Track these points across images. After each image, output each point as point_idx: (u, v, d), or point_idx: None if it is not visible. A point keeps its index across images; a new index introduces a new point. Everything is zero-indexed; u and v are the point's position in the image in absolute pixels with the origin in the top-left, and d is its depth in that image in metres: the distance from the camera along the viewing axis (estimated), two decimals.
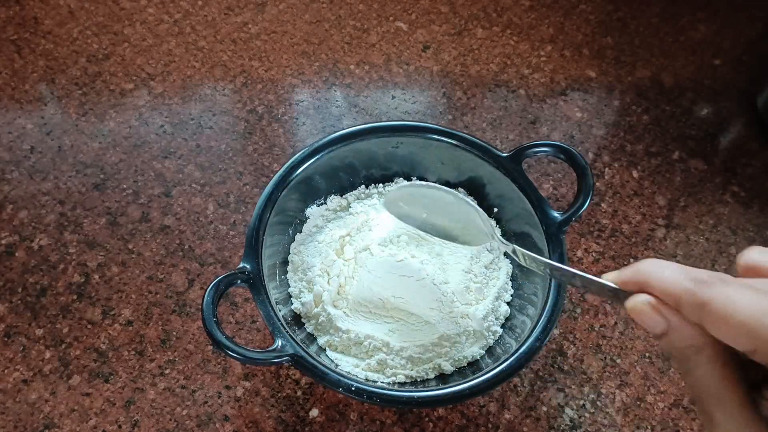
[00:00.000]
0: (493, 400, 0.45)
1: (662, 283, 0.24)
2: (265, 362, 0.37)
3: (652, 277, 0.24)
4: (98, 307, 0.48)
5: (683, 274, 0.23)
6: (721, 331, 0.22)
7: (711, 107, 0.63)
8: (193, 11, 0.67)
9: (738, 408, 0.23)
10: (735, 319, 0.21)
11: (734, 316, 0.21)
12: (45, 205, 0.53)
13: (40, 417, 0.43)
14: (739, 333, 0.22)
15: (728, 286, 0.22)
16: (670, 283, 0.23)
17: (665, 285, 0.24)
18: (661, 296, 0.24)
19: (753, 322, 0.21)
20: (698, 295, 0.22)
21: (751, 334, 0.21)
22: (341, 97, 0.61)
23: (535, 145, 0.45)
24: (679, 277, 0.23)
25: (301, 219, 0.48)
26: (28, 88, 0.60)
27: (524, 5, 0.70)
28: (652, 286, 0.24)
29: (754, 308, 0.21)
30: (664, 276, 0.24)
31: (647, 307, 0.24)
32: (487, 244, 0.41)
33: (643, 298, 0.24)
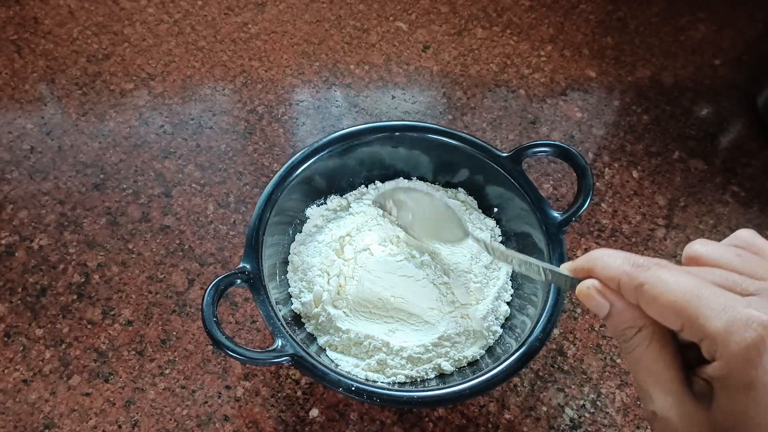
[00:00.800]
0: (493, 400, 0.45)
1: (606, 268, 0.26)
2: (265, 362, 0.37)
3: (598, 263, 0.26)
4: (98, 307, 0.48)
5: (624, 259, 0.25)
6: (653, 309, 0.24)
7: (711, 107, 0.63)
8: (193, 11, 0.67)
9: (672, 385, 0.24)
10: (664, 299, 0.23)
11: (664, 296, 0.23)
12: (45, 205, 0.53)
13: (40, 417, 0.43)
14: (668, 311, 0.23)
15: (661, 270, 0.24)
16: (613, 268, 0.26)
17: (608, 270, 0.26)
18: (605, 281, 0.26)
19: (679, 301, 0.23)
20: (634, 277, 0.24)
21: (677, 312, 0.23)
22: (341, 97, 0.61)
23: (535, 145, 0.45)
24: (620, 263, 0.25)
25: (301, 219, 0.48)
26: (28, 88, 0.60)
27: (524, 5, 0.70)
28: (598, 272, 0.26)
29: (681, 289, 0.23)
30: (607, 262, 0.26)
31: (592, 291, 0.26)
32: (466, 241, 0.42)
33: (588, 283, 0.27)
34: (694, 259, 0.26)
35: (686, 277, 0.23)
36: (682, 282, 0.23)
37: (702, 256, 0.26)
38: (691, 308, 0.22)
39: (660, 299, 0.23)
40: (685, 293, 0.23)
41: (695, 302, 0.22)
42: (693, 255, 0.26)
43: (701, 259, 0.26)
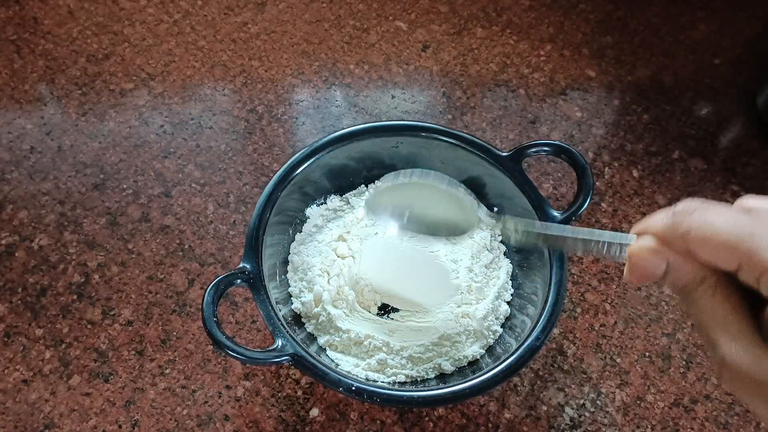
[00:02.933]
0: (493, 400, 0.45)
1: (650, 227, 0.25)
2: (265, 362, 0.37)
3: (642, 225, 0.26)
4: (98, 307, 0.48)
5: (666, 211, 0.25)
6: (706, 253, 0.23)
7: (711, 106, 0.63)
8: (193, 11, 0.67)
9: (740, 330, 0.23)
10: (715, 240, 0.22)
11: (713, 237, 0.22)
12: (45, 205, 0.53)
13: (40, 417, 0.43)
14: (721, 252, 0.22)
15: (706, 211, 0.23)
16: (657, 222, 0.25)
17: (655, 227, 0.25)
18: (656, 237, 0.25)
19: (731, 238, 0.22)
20: (678, 225, 0.24)
21: (731, 250, 0.22)
22: (341, 97, 0.61)
23: (534, 145, 0.45)
24: (662, 216, 0.25)
25: (301, 219, 0.48)
26: (27, 88, 0.60)
27: (524, 5, 0.70)
28: (647, 231, 0.26)
29: (730, 226, 0.22)
30: (651, 220, 0.25)
31: (644, 251, 0.25)
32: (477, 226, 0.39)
33: (639, 244, 0.26)
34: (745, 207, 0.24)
35: (733, 213, 0.22)
36: (731, 219, 0.22)
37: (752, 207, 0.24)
38: (745, 243, 0.21)
39: (711, 241, 0.23)
40: (736, 229, 0.22)
41: (748, 237, 0.21)
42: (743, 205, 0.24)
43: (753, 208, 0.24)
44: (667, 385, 0.46)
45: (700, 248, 0.23)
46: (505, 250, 0.47)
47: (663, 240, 0.25)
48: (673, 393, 0.45)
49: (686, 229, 0.23)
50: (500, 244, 0.48)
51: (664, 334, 0.48)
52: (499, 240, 0.48)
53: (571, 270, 0.51)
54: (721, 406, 0.45)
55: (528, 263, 0.45)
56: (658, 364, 0.47)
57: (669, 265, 0.25)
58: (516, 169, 0.45)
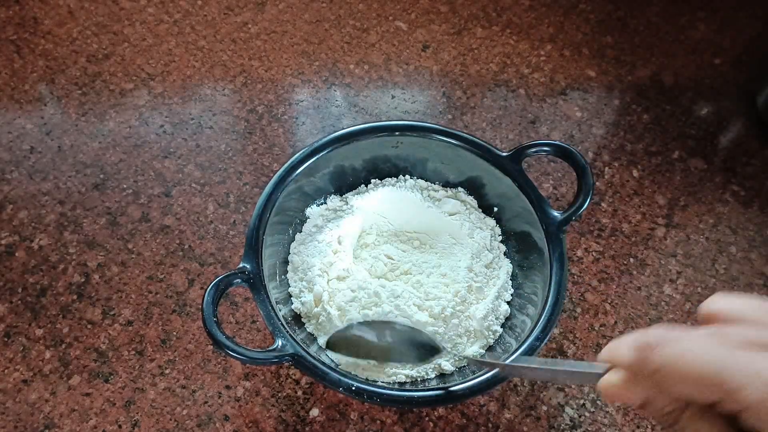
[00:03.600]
0: (493, 400, 0.45)
1: (619, 358, 0.23)
2: (265, 362, 0.37)
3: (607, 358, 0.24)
4: (98, 307, 0.48)
5: (629, 346, 0.23)
6: (680, 390, 0.22)
7: (711, 106, 0.63)
8: (192, 11, 0.67)
9: None
10: (687, 380, 0.21)
11: (685, 378, 0.21)
12: (45, 205, 0.53)
13: (40, 417, 0.43)
14: (696, 391, 0.21)
15: (673, 345, 0.21)
16: (622, 359, 0.23)
17: (622, 360, 0.23)
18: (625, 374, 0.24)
19: (705, 378, 0.20)
20: (647, 364, 0.22)
21: (707, 389, 0.20)
22: (341, 97, 0.61)
23: (534, 145, 0.45)
24: (625, 351, 0.23)
25: (301, 219, 0.48)
26: (27, 88, 0.60)
27: (524, 5, 0.70)
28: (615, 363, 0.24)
29: (702, 363, 0.20)
30: (616, 355, 0.23)
31: (614, 388, 0.24)
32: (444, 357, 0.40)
33: (607, 379, 0.24)
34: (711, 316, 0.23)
35: (704, 345, 0.21)
36: (704, 353, 0.20)
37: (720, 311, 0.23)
38: (721, 381, 0.20)
39: (682, 380, 0.21)
40: (710, 365, 0.20)
41: (725, 373, 0.20)
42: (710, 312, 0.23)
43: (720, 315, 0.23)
44: None
45: (672, 387, 0.22)
46: (505, 250, 0.47)
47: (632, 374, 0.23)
48: None
49: (654, 369, 0.22)
50: (500, 244, 0.48)
51: None
52: (499, 240, 0.48)
53: (571, 270, 0.51)
54: None
55: (528, 263, 0.45)
56: None
57: (646, 398, 0.23)
58: (516, 169, 0.45)
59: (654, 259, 0.52)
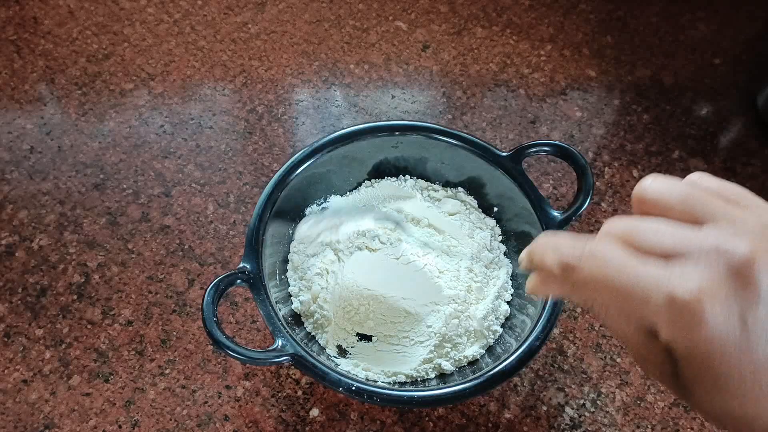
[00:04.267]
0: (493, 400, 0.45)
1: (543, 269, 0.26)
2: (265, 362, 0.37)
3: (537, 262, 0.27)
4: (98, 307, 0.48)
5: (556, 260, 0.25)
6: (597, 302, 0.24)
7: (711, 106, 0.63)
8: (192, 11, 0.67)
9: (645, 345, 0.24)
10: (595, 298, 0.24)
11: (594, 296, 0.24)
12: (45, 205, 0.53)
13: (40, 417, 0.43)
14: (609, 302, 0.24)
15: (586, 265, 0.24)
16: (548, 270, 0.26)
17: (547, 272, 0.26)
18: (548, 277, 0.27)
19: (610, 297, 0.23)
20: (565, 280, 0.25)
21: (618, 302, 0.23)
22: (341, 97, 0.61)
23: (534, 145, 0.45)
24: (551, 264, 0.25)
25: (301, 219, 0.48)
26: (28, 88, 0.60)
27: (524, 5, 0.70)
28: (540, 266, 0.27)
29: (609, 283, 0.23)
30: (543, 262, 0.26)
31: (535, 288, 0.27)
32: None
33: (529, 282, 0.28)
34: (641, 201, 0.25)
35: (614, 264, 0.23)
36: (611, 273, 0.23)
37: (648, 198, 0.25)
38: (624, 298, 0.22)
39: (596, 295, 0.24)
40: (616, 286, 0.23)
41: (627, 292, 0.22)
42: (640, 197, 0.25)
43: (647, 202, 0.25)
44: None
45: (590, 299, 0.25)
46: (505, 250, 0.47)
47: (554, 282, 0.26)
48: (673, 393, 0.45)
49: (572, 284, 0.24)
50: (500, 244, 0.48)
51: None
52: (499, 240, 0.48)
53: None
54: None
55: None
56: None
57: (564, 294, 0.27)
58: (516, 169, 0.45)
59: None
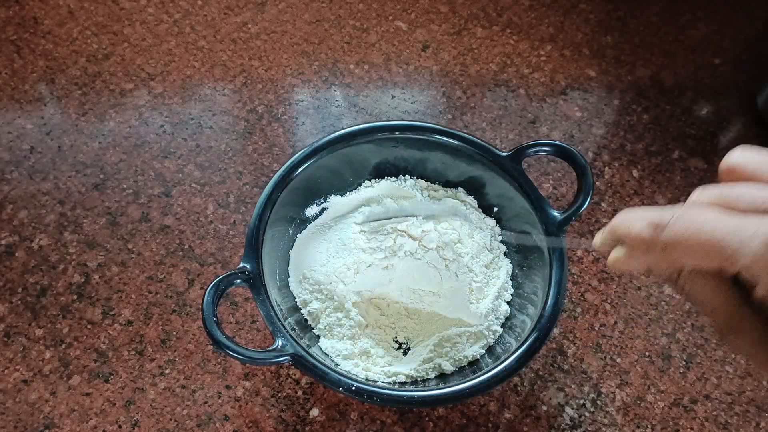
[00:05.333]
0: (494, 400, 0.45)
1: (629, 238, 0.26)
2: (265, 362, 0.37)
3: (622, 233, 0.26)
4: (98, 307, 0.48)
5: (643, 222, 0.25)
6: (686, 262, 0.24)
7: (711, 106, 0.63)
8: (192, 11, 0.67)
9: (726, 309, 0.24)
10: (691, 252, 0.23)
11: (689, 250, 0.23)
12: (45, 205, 0.53)
13: (40, 417, 0.43)
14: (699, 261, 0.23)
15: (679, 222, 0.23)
16: (635, 235, 0.25)
17: (632, 239, 0.26)
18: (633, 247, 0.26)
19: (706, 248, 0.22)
20: (655, 242, 0.24)
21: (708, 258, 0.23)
22: (341, 97, 0.61)
23: (534, 145, 0.45)
24: (638, 228, 0.25)
25: (301, 219, 0.48)
26: (27, 88, 0.60)
27: (524, 5, 0.70)
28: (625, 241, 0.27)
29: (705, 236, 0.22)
30: (630, 231, 0.26)
31: (620, 262, 0.27)
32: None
33: (615, 256, 0.27)
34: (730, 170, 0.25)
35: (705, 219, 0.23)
36: (703, 227, 0.22)
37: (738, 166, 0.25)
38: (717, 250, 0.22)
39: (686, 253, 0.23)
40: (708, 238, 0.22)
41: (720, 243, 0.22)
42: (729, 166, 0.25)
43: (736, 171, 0.25)
44: (667, 385, 0.46)
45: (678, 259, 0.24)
46: (505, 250, 0.47)
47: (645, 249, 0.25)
48: (673, 393, 0.45)
49: (662, 246, 0.24)
50: (500, 244, 0.48)
51: (664, 334, 0.48)
52: (499, 240, 0.48)
53: (571, 270, 0.51)
54: (721, 405, 0.45)
55: (528, 263, 0.45)
56: (658, 364, 0.47)
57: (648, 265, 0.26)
58: (516, 169, 0.45)
59: None
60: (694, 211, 0.24)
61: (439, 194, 0.49)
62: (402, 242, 0.44)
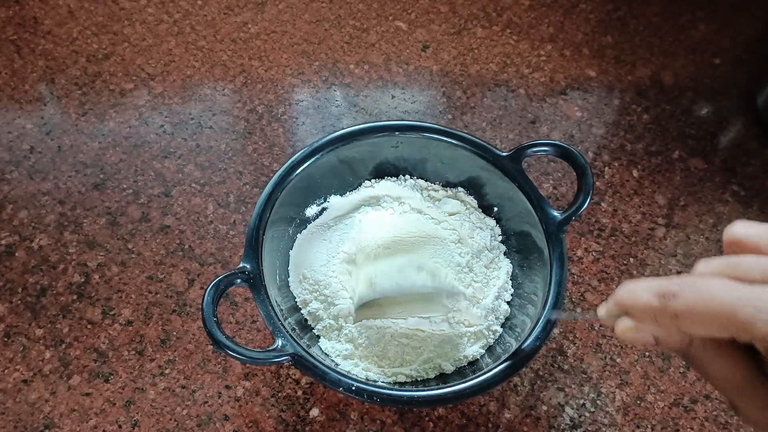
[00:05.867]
0: (493, 400, 0.45)
1: (637, 309, 0.25)
2: (265, 362, 0.37)
3: (628, 305, 0.26)
4: (98, 307, 0.48)
5: (650, 292, 0.24)
6: (698, 332, 0.23)
7: (711, 106, 0.63)
8: (192, 11, 0.67)
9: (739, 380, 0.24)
10: (704, 320, 0.22)
11: (703, 318, 0.22)
12: (45, 205, 0.53)
13: (40, 417, 0.43)
14: (712, 330, 0.23)
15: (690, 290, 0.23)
16: (643, 306, 0.25)
17: (640, 310, 0.25)
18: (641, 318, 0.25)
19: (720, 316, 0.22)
20: (665, 311, 0.24)
21: (722, 327, 0.22)
22: (341, 97, 0.61)
23: (534, 145, 0.45)
24: (646, 298, 0.24)
25: (301, 219, 0.48)
26: (28, 88, 0.60)
27: (524, 4, 0.70)
28: (631, 312, 0.26)
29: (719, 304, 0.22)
30: (636, 302, 0.25)
31: (629, 332, 0.26)
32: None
33: (622, 327, 0.26)
34: (733, 243, 0.25)
35: (717, 288, 0.22)
36: (715, 295, 0.22)
37: (741, 239, 0.25)
38: (731, 319, 0.22)
39: (699, 322, 0.23)
40: (721, 306, 0.22)
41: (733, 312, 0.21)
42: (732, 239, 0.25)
43: (740, 243, 0.25)
44: (667, 385, 0.46)
45: (690, 329, 0.24)
46: (505, 250, 0.47)
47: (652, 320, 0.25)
48: (673, 393, 0.45)
49: (673, 315, 0.23)
50: (500, 244, 0.48)
51: None
52: (499, 240, 0.48)
53: (571, 270, 0.51)
54: (721, 405, 0.45)
55: (528, 263, 0.45)
56: (658, 364, 0.47)
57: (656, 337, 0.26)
58: (516, 169, 0.45)
59: (654, 259, 0.52)
60: (704, 281, 0.23)
61: (439, 194, 0.49)
62: None
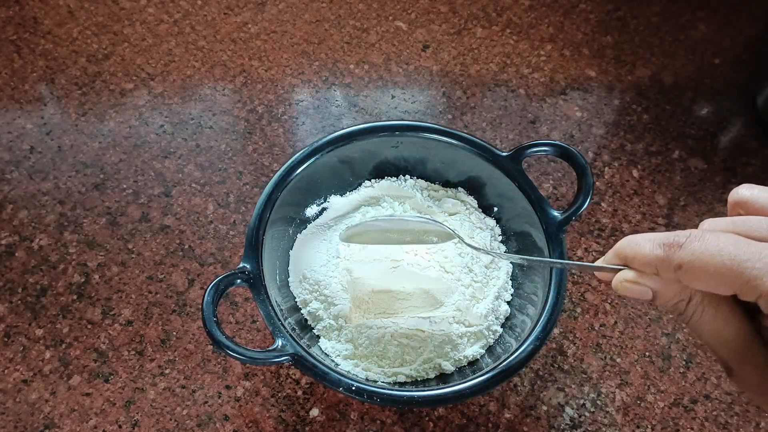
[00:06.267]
0: (493, 400, 0.45)
1: (639, 258, 0.25)
2: (265, 362, 0.37)
3: (630, 255, 0.26)
4: (98, 307, 0.48)
5: (654, 243, 0.24)
6: (699, 285, 0.23)
7: (711, 106, 0.63)
8: (192, 11, 0.67)
9: (737, 341, 0.23)
10: (708, 272, 0.22)
11: (706, 270, 0.22)
12: (45, 205, 0.53)
13: (40, 417, 0.43)
14: (715, 283, 0.22)
15: (696, 242, 0.23)
16: (645, 255, 0.24)
17: (642, 259, 0.25)
18: (641, 269, 0.25)
19: (724, 270, 0.22)
20: (671, 259, 0.23)
21: (726, 281, 0.22)
22: (341, 97, 0.61)
23: (534, 145, 0.45)
24: (650, 248, 0.24)
25: (301, 219, 0.48)
26: (27, 88, 0.60)
27: (524, 5, 0.70)
28: (632, 262, 0.26)
29: (723, 257, 0.22)
30: (639, 251, 0.25)
31: (627, 284, 0.26)
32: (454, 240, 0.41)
33: (621, 277, 0.26)
34: (739, 204, 0.25)
35: (725, 242, 0.22)
36: (723, 249, 0.22)
37: (747, 200, 0.25)
38: (738, 273, 0.21)
39: (703, 274, 0.22)
40: (728, 260, 0.21)
41: (741, 266, 0.21)
42: (738, 200, 0.25)
43: (746, 204, 0.25)
44: (667, 385, 0.46)
45: (692, 282, 0.23)
46: (505, 250, 0.47)
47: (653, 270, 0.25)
48: (673, 393, 0.45)
49: (677, 265, 0.23)
50: (500, 244, 0.48)
51: (664, 334, 0.48)
52: (499, 240, 0.48)
53: (571, 270, 0.51)
54: (721, 405, 0.45)
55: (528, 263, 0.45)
56: (658, 364, 0.47)
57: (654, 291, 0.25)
58: (516, 169, 0.45)
59: None
60: (712, 233, 0.23)
61: (439, 194, 0.49)
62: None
